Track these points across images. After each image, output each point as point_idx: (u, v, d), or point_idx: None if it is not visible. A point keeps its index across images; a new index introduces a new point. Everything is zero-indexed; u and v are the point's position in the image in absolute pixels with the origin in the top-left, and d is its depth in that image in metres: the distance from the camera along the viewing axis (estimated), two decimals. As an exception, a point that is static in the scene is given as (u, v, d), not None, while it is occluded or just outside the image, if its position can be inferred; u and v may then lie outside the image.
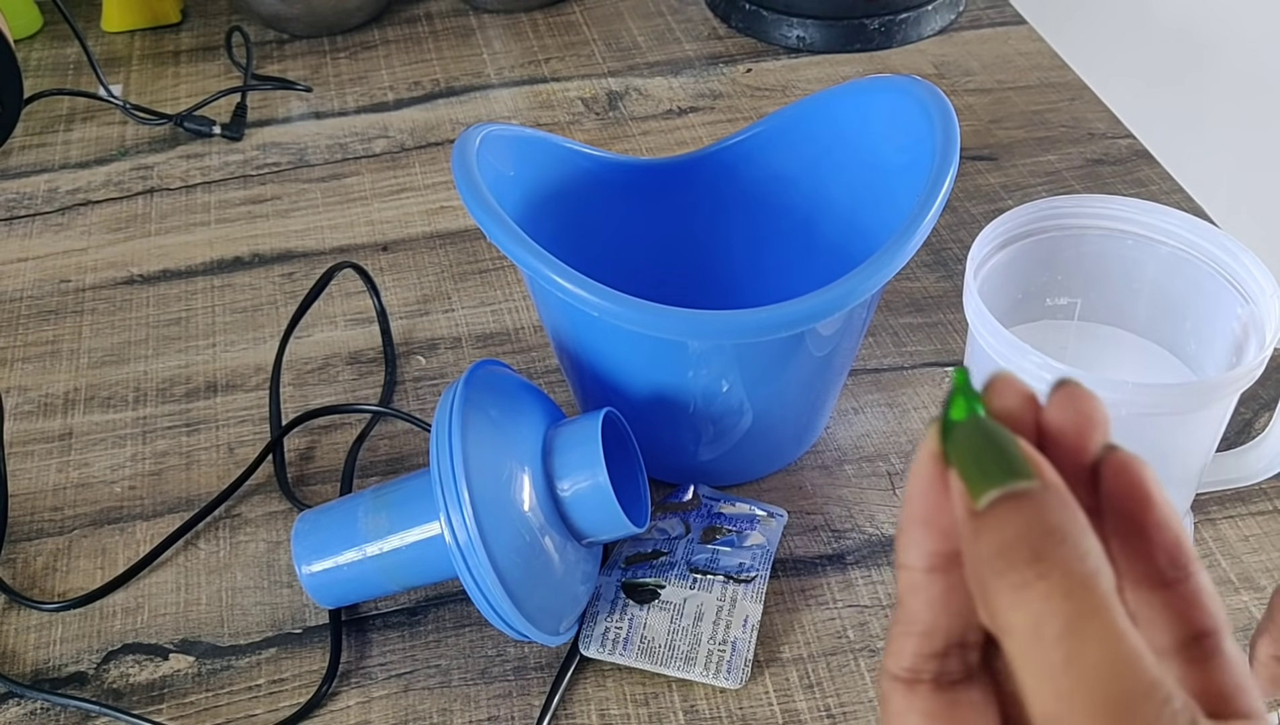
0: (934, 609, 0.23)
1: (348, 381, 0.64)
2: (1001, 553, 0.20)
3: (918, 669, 0.23)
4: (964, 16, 0.92)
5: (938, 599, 0.23)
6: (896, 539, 0.24)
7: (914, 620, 0.23)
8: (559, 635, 0.48)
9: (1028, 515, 0.21)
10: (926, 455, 0.23)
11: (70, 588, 0.55)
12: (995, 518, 0.21)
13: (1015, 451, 0.22)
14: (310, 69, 0.90)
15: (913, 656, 0.23)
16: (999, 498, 0.21)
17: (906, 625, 0.23)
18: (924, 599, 0.23)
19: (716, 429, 0.53)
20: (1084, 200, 0.49)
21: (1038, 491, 0.21)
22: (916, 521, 0.23)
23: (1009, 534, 0.21)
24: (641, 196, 0.59)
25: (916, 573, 0.23)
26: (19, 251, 0.74)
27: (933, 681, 0.23)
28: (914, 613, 0.23)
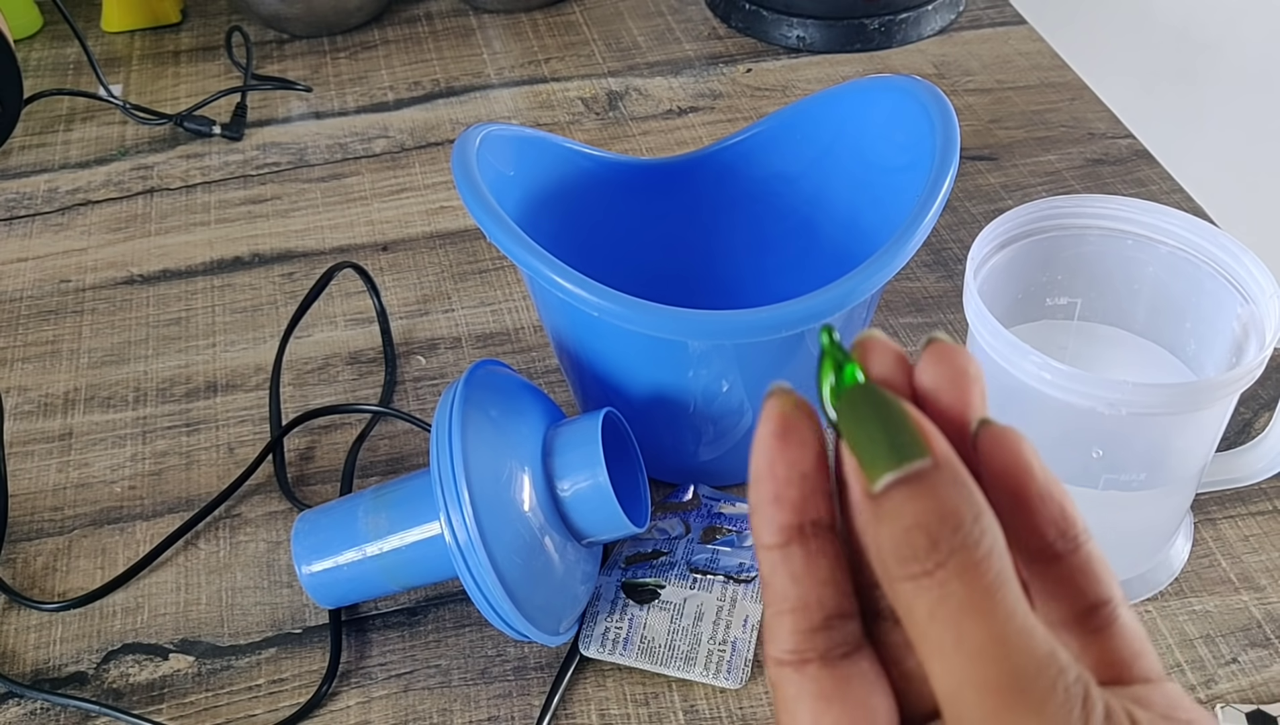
0: (800, 582, 0.23)
1: (348, 381, 0.64)
2: (900, 542, 0.20)
3: (801, 648, 0.23)
4: (964, 16, 0.92)
5: (800, 571, 0.23)
6: (750, 521, 0.23)
7: (784, 597, 0.23)
8: (559, 635, 0.48)
9: (923, 501, 0.21)
10: (767, 434, 0.23)
11: (70, 588, 0.55)
12: (891, 504, 0.21)
13: (907, 424, 0.21)
14: (310, 69, 0.90)
15: (791, 635, 0.23)
16: (894, 482, 0.21)
17: (778, 604, 0.23)
18: (787, 574, 0.23)
19: (716, 429, 0.53)
20: (1084, 200, 0.49)
21: (931, 473, 0.21)
22: (766, 500, 0.23)
23: (906, 522, 0.20)
24: (641, 196, 0.59)
25: (775, 550, 0.23)
26: (19, 251, 0.74)
27: (820, 659, 0.23)
28: (782, 590, 0.23)
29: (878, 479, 0.21)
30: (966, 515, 0.20)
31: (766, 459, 0.23)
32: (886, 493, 0.21)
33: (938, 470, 0.21)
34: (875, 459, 0.21)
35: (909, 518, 0.20)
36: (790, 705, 0.23)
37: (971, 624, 0.20)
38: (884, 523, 0.21)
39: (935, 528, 0.20)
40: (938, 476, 0.21)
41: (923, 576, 0.20)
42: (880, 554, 0.21)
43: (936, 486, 0.21)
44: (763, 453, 0.23)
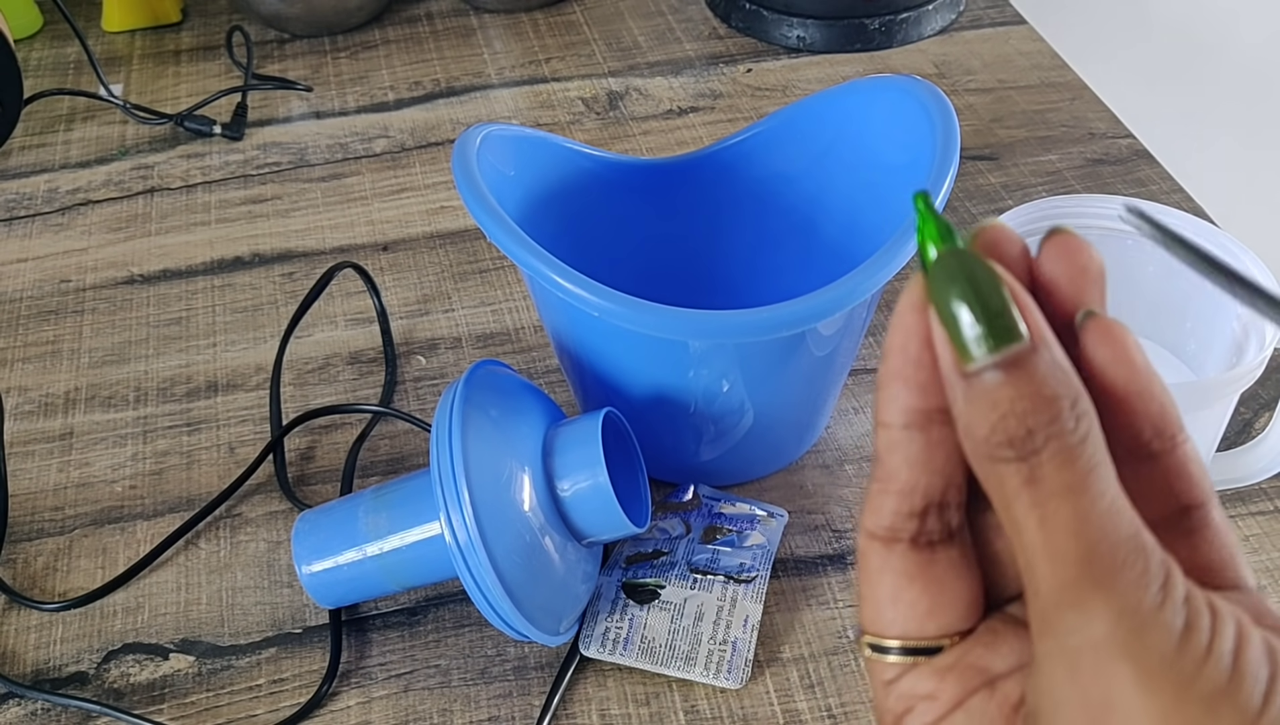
0: (913, 467, 0.22)
1: (348, 381, 0.64)
2: (994, 427, 0.20)
3: (896, 528, 0.23)
4: (964, 16, 0.92)
5: (916, 457, 0.22)
6: (875, 395, 0.23)
7: (892, 478, 0.23)
8: (559, 635, 0.48)
9: (1020, 387, 0.20)
10: (907, 307, 0.22)
11: (70, 588, 0.55)
12: (985, 387, 0.20)
13: (1005, 299, 0.20)
14: (310, 69, 0.90)
15: (891, 514, 0.23)
16: (990, 364, 0.20)
17: (885, 483, 0.23)
18: (902, 457, 0.22)
19: (717, 429, 0.53)
20: (1083, 200, 0.49)
21: (1029, 357, 0.20)
22: (895, 377, 0.22)
23: (1001, 408, 0.20)
24: (642, 196, 0.59)
25: (895, 430, 0.22)
26: (19, 251, 0.74)
27: (910, 541, 0.23)
28: (892, 470, 0.23)
29: (972, 358, 0.20)
30: (1064, 403, 0.20)
31: (901, 334, 0.22)
32: (980, 374, 0.20)
33: (1036, 354, 0.20)
34: (970, 334, 0.20)
35: (1004, 403, 0.20)
36: (873, 576, 0.23)
37: (1058, 503, 0.20)
38: (976, 404, 0.20)
39: (1031, 416, 0.20)
40: (1036, 361, 0.20)
41: (1015, 461, 0.20)
42: (969, 433, 0.21)
43: (1035, 373, 0.20)
44: (899, 327, 0.22)
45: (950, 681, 0.23)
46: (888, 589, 0.23)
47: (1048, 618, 0.20)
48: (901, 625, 0.23)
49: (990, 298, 0.20)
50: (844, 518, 0.56)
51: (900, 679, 0.23)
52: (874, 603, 0.23)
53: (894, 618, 0.23)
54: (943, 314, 0.21)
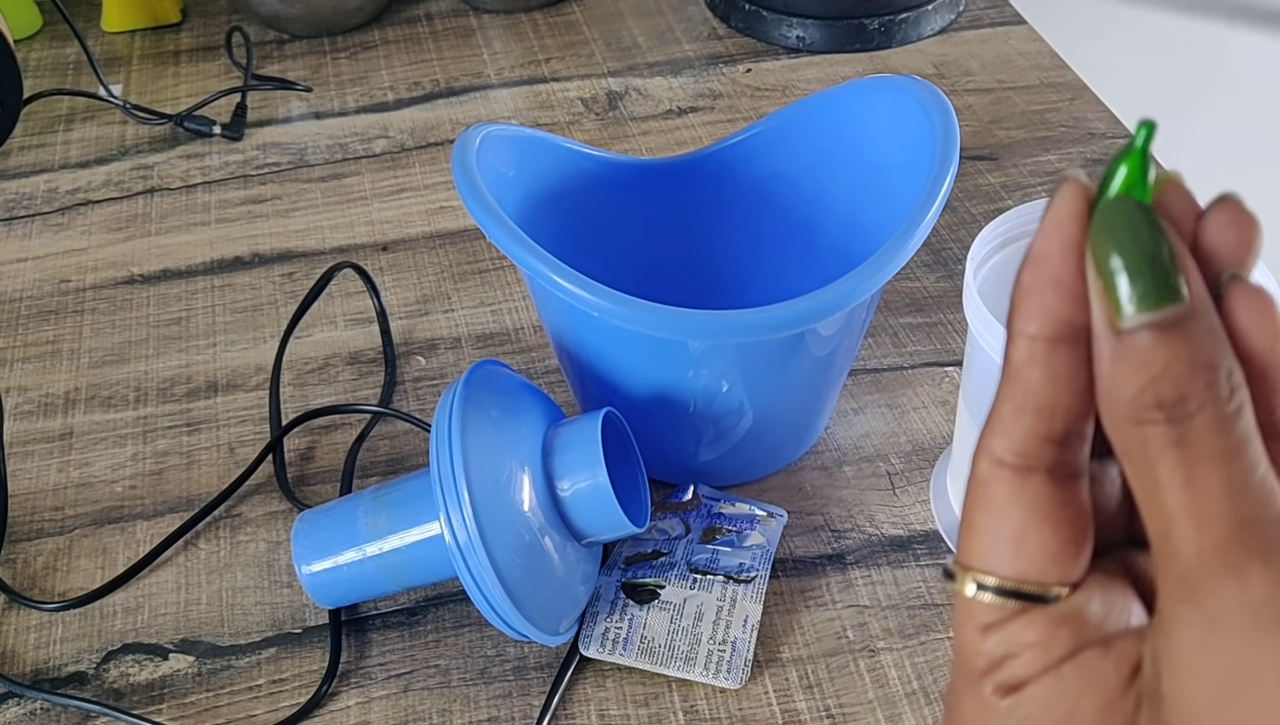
0: (1056, 385, 0.21)
1: (348, 381, 0.64)
2: (1144, 387, 0.19)
3: (1030, 453, 0.21)
4: (964, 16, 0.92)
5: (1063, 373, 0.21)
6: (1015, 301, 0.21)
7: (1030, 395, 0.21)
8: (559, 635, 0.48)
9: (1176, 350, 0.19)
10: (1069, 215, 0.20)
11: (70, 588, 0.55)
12: (1139, 346, 0.19)
13: (1171, 261, 0.19)
14: (310, 69, 0.90)
15: (1026, 437, 0.21)
16: (1147, 323, 0.19)
17: (1021, 400, 0.21)
18: (1045, 372, 0.21)
19: (716, 429, 0.53)
20: None
21: (1189, 320, 0.19)
22: (1047, 282, 0.20)
23: (1154, 370, 0.19)
24: (641, 196, 0.59)
25: (1040, 342, 0.21)
26: (19, 251, 0.74)
27: (1047, 472, 0.21)
28: (1032, 387, 0.21)
29: (1127, 314, 0.19)
30: (1220, 369, 0.19)
31: (1060, 240, 0.20)
32: (1134, 332, 0.19)
33: (1195, 318, 0.19)
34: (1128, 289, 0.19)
35: (1157, 366, 0.19)
36: (997, 507, 0.21)
37: (1208, 468, 0.19)
38: (1125, 363, 0.19)
39: (1186, 381, 0.19)
40: (1195, 325, 0.19)
41: (1164, 423, 0.19)
42: (1112, 391, 0.20)
43: (1193, 336, 0.19)
44: (1057, 230, 0.20)
45: (1064, 633, 0.21)
46: (1014, 524, 0.21)
47: (1190, 581, 0.19)
48: (1021, 567, 0.21)
49: (1156, 255, 0.19)
50: (843, 518, 0.56)
51: (1004, 624, 0.22)
52: (992, 537, 0.21)
53: (1014, 558, 0.21)
54: (1100, 263, 0.20)
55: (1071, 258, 0.20)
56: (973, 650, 0.22)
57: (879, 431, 0.60)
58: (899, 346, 0.64)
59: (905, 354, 0.64)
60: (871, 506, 0.56)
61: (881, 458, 0.58)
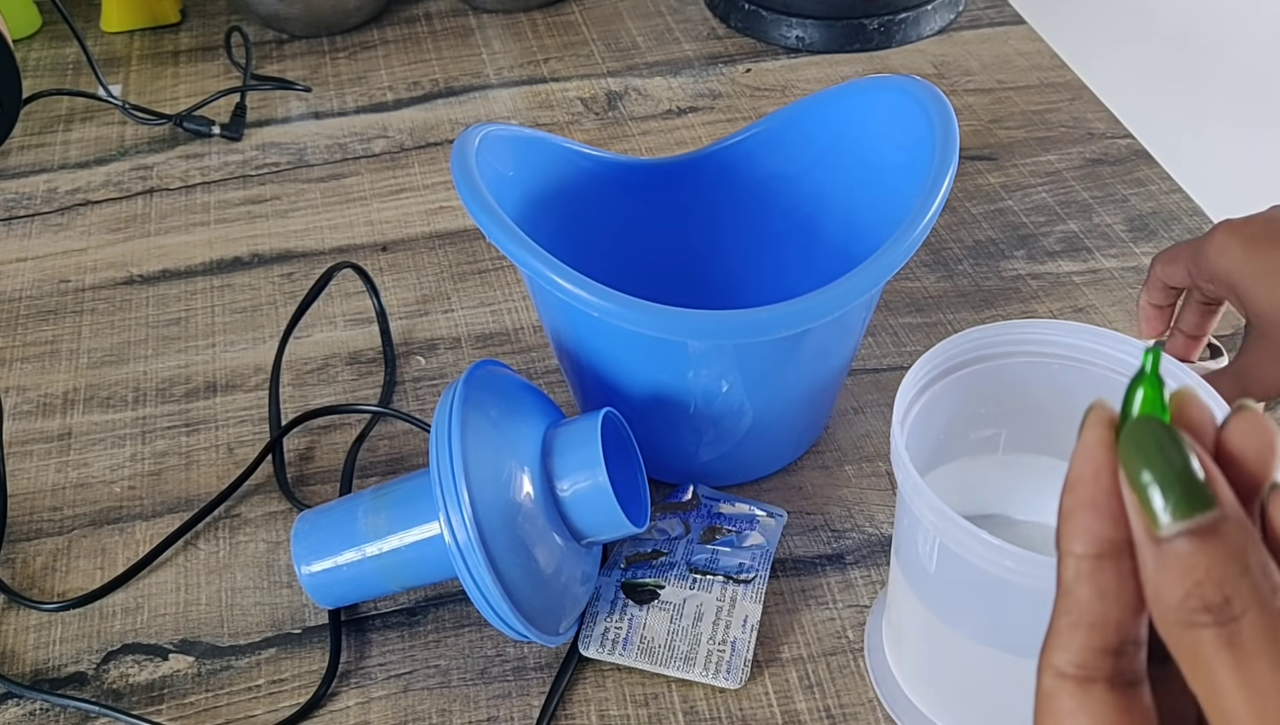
0: (1106, 599, 0.22)
1: (347, 381, 0.64)
2: (1189, 592, 0.20)
3: (1089, 665, 0.22)
4: (963, 16, 0.92)
5: (1110, 589, 0.22)
6: (1060, 524, 0.23)
7: (1084, 610, 0.22)
8: (558, 635, 0.48)
9: (1215, 554, 0.20)
10: (1095, 442, 0.22)
11: (70, 588, 0.55)
12: (1179, 553, 0.20)
13: (1195, 470, 0.21)
14: (309, 69, 0.90)
15: (1083, 650, 0.22)
16: (1183, 531, 0.20)
17: (1075, 615, 0.22)
18: (1094, 588, 0.22)
19: (716, 429, 0.53)
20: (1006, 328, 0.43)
21: (1221, 524, 0.20)
22: (1085, 505, 0.22)
23: (1197, 574, 0.20)
24: (641, 196, 0.59)
25: (1085, 560, 0.22)
26: (18, 251, 0.74)
27: (1107, 681, 0.22)
28: (1084, 603, 0.22)
29: (1163, 524, 0.21)
30: (1259, 569, 0.20)
31: (1093, 465, 0.22)
32: (1173, 540, 0.21)
33: (1227, 522, 0.20)
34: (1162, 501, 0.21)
35: (1199, 570, 0.20)
36: (1063, 719, 0.22)
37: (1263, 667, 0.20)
38: (1168, 570, 0.21)
39: (1229, 583, 0.20)
40: (1228, 528, 0.20)
41: (1214, 626, 0.20)
42: (1160, 597, 0.21)
43: (1229, 540, 0.20)
44: (1088, 458, 0.22)
45: None
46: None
47: None
48: None
49: (1184, 468, 0.21)
50: (843, 518, 0.56)
51: None
52: None
53: None
54: (1133, 480, 0.21)
55: (1104, 480, 0.22)
56: None
57: (879, 431, 0.60)
58: (899, 346, 0.64)
59: (905, 354, 0.64)
60: (871, 506, 0.56)
61: (881, 458, 0.58)
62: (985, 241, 0.71)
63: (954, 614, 0.42)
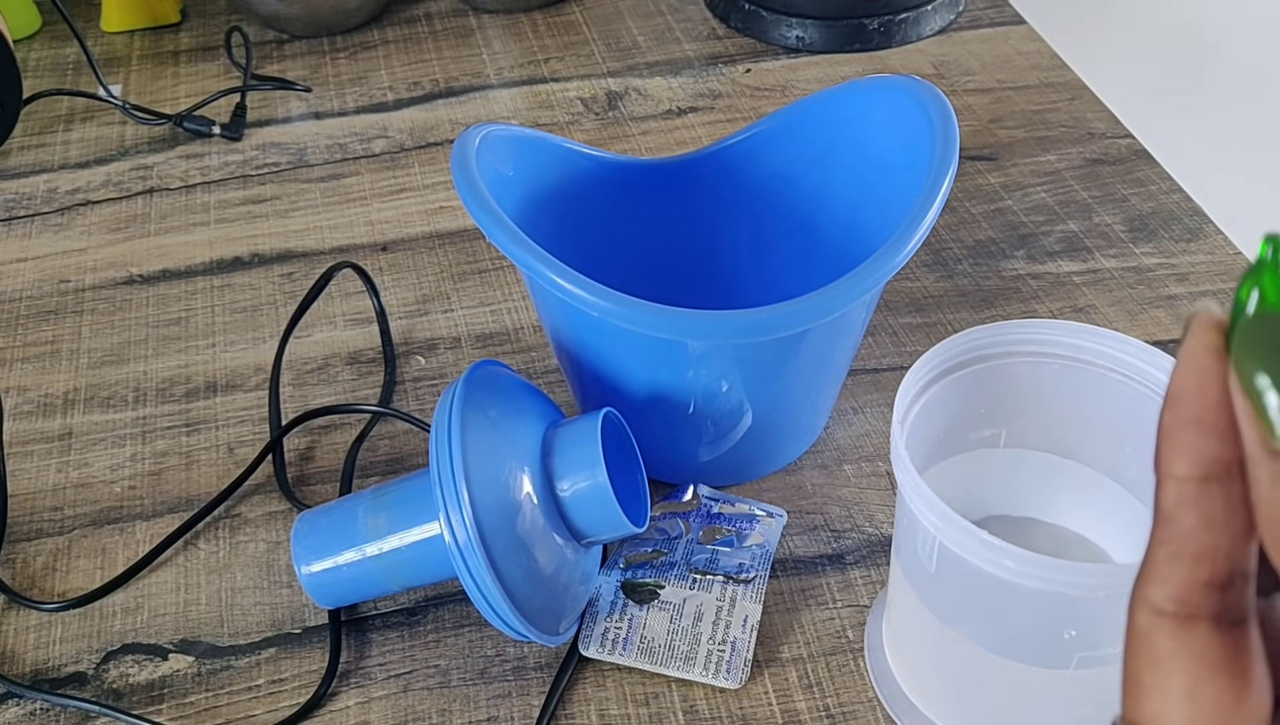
0: (1212, 527, 0.19)
1: (347, 381, 0.64)
2: None
3: (1193, 601, 0.20)
4: (963, 16, 0.92)
5: (1217, 515, 0.19)
6: (1159, 445, 0.20)
7: (1186, 539, 0.20)
8: (558, 635, 0.48)
9: None
10: (1201, 349, 0.20)
11: (70, 588, 0.55)
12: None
13: None
14: (310, 69, 0.90)
15: (1185, 584, 0.20)
16: None
17: (1177, 546, 0.20)
18: (1199, 515, 0.20)
19: (716, 429, 0.53)
20: (1006, 328, 0.43)
21: None
22: (1190, 422, 0.20)
23: None
24: (641, 196, 0.59)
25: (1190, 483, 0.20)
26: (18, 252, 0.74)
27: (1212, 619, 0.20)
28: (1187, 531, 0.20)
29: None
30: None
31: (1196, 377, 0.20)
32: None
33: None
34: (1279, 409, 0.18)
35: None
36: (1162, 662, 0.20)
37: None
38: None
39: None
40: None
41: None
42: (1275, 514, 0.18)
43: None
44: (1192, 368, 0.20)
45: None
46: (1184, 679, 0.20)
47: None
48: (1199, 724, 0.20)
49: None
50: (843, 518, 0.56)
51: None
52: (1163, 695, 0.20)
53: (1190, 715, 0.20)
54: (1247, 384, 0.19)
55: (1211, 392, 0.19)
56: None
57: (879, 431, 0.60)
58: (899, 346, 0.64)
59: (905, 354, 0.64)
60: (871, 506, 0.56)
61: (881, 457, 0.58)
62: (985, 241, 0.71)
63: (954, 614, 0.42)
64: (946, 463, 0.46)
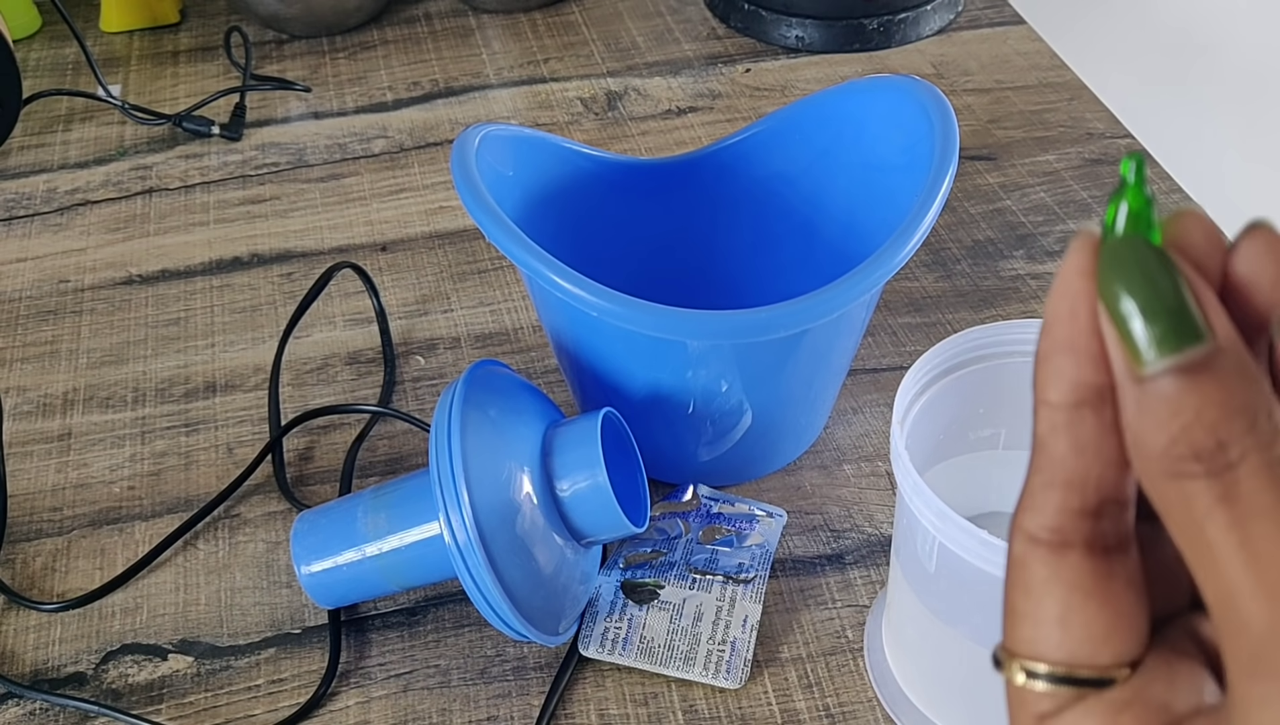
0: (1084, 454, 0.19)
1: (347, 381, 0.64)
2: (1175, 438, 0.18)
3: (1065, 528, 0.20)
4: (963, 16, 0.92)
5: (1088, 441, 0.19)
6: (1036, 371, 0.20)
7: (1058, 467, 0.20)
8: (558, 635, 0.48)
9: (1208, 394, 0.18)
10: (1076, 271, 0.19)
11: (69, 588, 0.55)
12: (1164, 394, 0.18)
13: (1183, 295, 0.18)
14: (309, 69, 0.90)
15: (1058, 512, 0.20)
16: (1170, 368, 0.18)
17: (1050, 473, 0.20)
18: (1070, 441, 0.19)
19: (716, 429, 0.53)
20: (1006, 328, 0.43)
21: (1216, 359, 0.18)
22: (1061, 347, 0.19)
23: (1185, 417, 0.18)
24: (641, 196, 0.59)
25: (1061, 410, 0.19)
26: (18, 252, 0.74)
27: (1084, 546, 0.20)
28: (1058, 458, 0.20)
29: (1144, 361, 0.18)
30: (1260, 411, 0.18)
31: (1068, 300, 0.19)
32: (1157, 378, 0.18)
33: (1222, 356, 0.18)
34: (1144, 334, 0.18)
35: (1188, 412, 0.18)
36: (1035, 589, 0.20)
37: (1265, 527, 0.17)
38: (1152, 413, 0.18)
39: (1222, 426, 0.17)
40: (1223, 363, 0.18)
41: (1204, 477, 0.18)
42: (1142, 444, 0.18)
43: (1224, 377, 0.18)
44: (1065, 292, 0.19)
45: (1127, 720, 0.20)
46: (1055, 605, 0.20)
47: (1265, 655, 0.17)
48: (1070, 650, 0.20)
49: (1166, 293, 0.18)
50: (842, 518, 0.56)
51: (1061, 714, 0.20)
52: (1034, 621, 0.20)
53: (1061, 640, 0.20)
54: (1111, 309, 0.19)
55: (1082, 316, 0.19)
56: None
57: (878, 431, 0.60)
58: (899, 346, 0.64)
59: (905, 354, 0.64)
60: (870, 506, 0.56)
61: (881, 457, 0.58)
62: (984, 241, 0.71)
63: (953, 614, 0.42)
64: (946, 463, 0.46)
